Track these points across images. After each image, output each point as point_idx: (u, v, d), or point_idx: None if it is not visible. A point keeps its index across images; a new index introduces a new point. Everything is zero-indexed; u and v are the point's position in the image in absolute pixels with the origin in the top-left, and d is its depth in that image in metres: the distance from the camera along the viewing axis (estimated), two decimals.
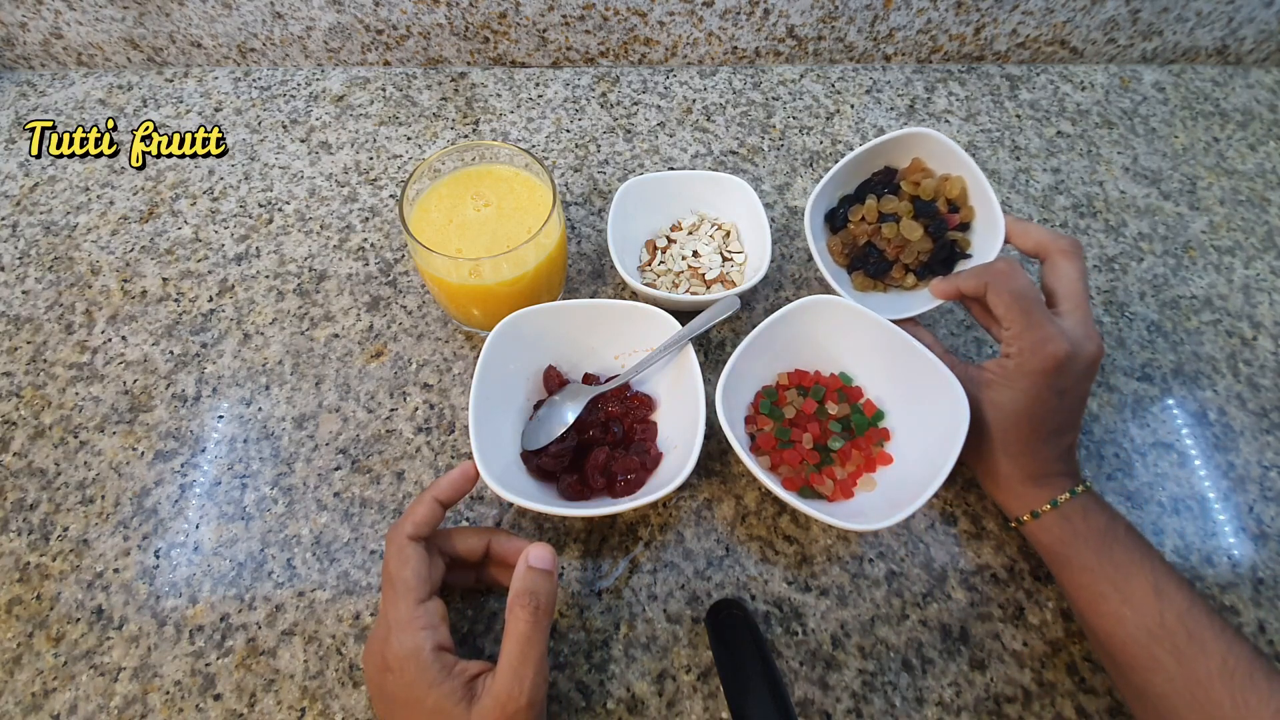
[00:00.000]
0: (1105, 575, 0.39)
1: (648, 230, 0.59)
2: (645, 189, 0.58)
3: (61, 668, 0.43)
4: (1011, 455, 0.43)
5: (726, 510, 0.48)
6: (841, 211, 0.53)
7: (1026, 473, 0.43)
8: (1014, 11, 0.69)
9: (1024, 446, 0.42)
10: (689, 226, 0.59)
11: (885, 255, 0.51)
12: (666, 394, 0.50)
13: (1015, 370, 0.42)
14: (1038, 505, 0.42)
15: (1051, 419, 0.42)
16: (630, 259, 0.57)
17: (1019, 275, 0.43)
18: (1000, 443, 0.43)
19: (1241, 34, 0.72)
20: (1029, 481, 0.43)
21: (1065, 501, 0.41)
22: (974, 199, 0.50)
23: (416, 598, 0.36)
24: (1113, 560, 0.39)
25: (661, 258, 0.58)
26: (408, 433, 0.51)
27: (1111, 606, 0.38)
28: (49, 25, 0.67)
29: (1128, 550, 0.39)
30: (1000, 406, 0.43)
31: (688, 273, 0.57)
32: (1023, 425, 0.42)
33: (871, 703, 0.42)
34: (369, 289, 0.58)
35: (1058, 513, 0.41)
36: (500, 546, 0.41)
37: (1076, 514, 0.41)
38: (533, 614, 0.35)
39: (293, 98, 0.70)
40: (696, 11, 0.68)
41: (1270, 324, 0.58)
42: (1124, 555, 0.39)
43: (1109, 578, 0.39)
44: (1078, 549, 0.40)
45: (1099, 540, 0.40)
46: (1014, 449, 0.43)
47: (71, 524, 0.47)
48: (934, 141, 0.51)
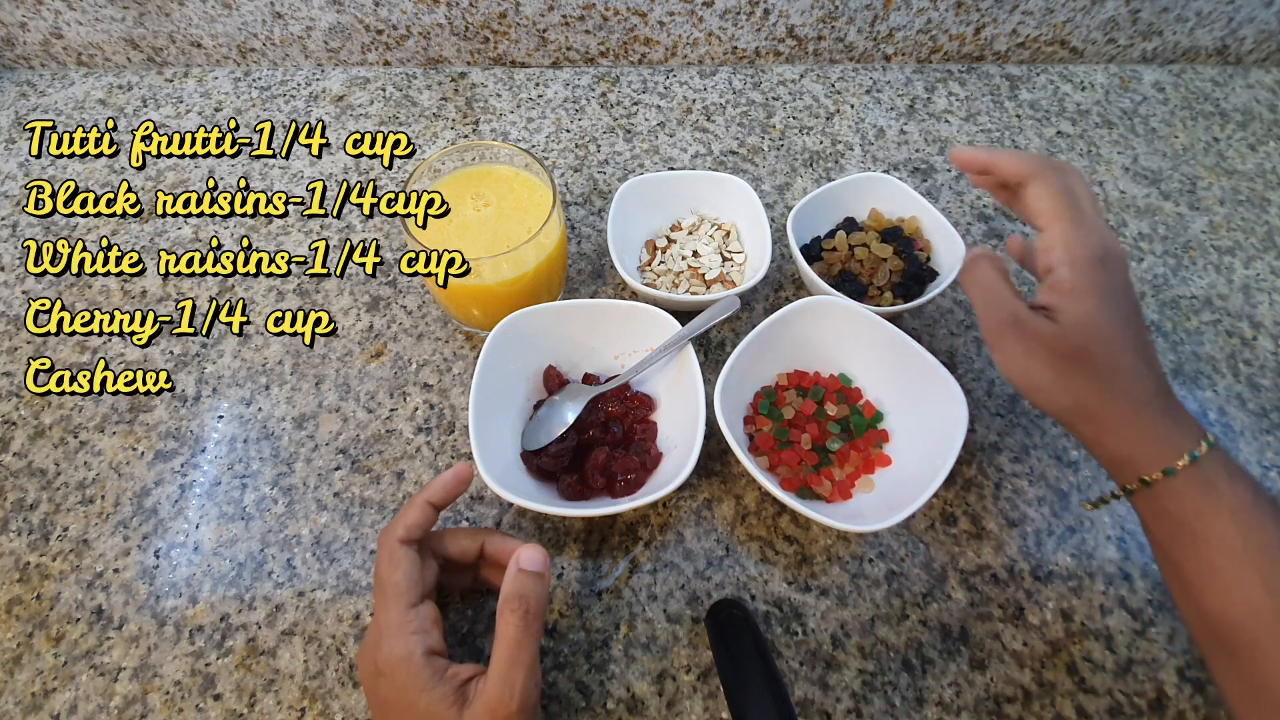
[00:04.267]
0: (1247, 556, 0.33)
1: (648, 230, 0.59)
2: (645, 189, 0.58)
3: (61, 668, 0.43)
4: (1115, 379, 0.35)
5: (726, 510, 0.48)
6: (816, 244, 0.57)
7: (1136, 399, 0.35)
8: (1014, 11, 0.69)
9: (1123, 364, 0.35)
10: (689, 226, 0.59)
11: (860, 279, 0.54)
12: (666, 394, 0.50)
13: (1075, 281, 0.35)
14: (1170, 457, 0.34)
15: (1131, 329, 0.35)
16: (630, 259, 0.57)
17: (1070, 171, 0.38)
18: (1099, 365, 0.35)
19: (1241, 34, 0.72)
20: (1145, 414, 0.35)
21: (1205, 455, 0.34)
22: (929, 233, 0.56)
23: (408, 602, 0.36)
24: (1258, 538, 0.33)
25: (661, 258, 0.58)
26: (408, 433, 0.51)
27: (1248, 593, 0.32)
28: (49, 25, 0.67)
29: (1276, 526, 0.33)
30: (1075, 323, 0.35)
31: (688, 273, 0.57)
32: (1108, 336, 0.35)
33: (871, 703, 0.42)
34: (369, 289, 0.58)
35: (1197, 472, 0.34)
36: (494, 547, 0.41)
37: (1220, 477, 0.34)
38: (522, 618, 0.35)
39: (293, 98, 0.70)
40: (696, 11, 0.68)
41: (1270, 324, 0.58)
42: (1271, 531, 0.33)
43: (1250, 559, 0.32)
44: (1220, 522, 0.33)
45: (1245, 513, 0.33)
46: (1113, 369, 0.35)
47: (71, 524, 0.47)
48: (889, 184, 0.57)
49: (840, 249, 0.55)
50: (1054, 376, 0.36)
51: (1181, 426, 0.35)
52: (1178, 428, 0.35)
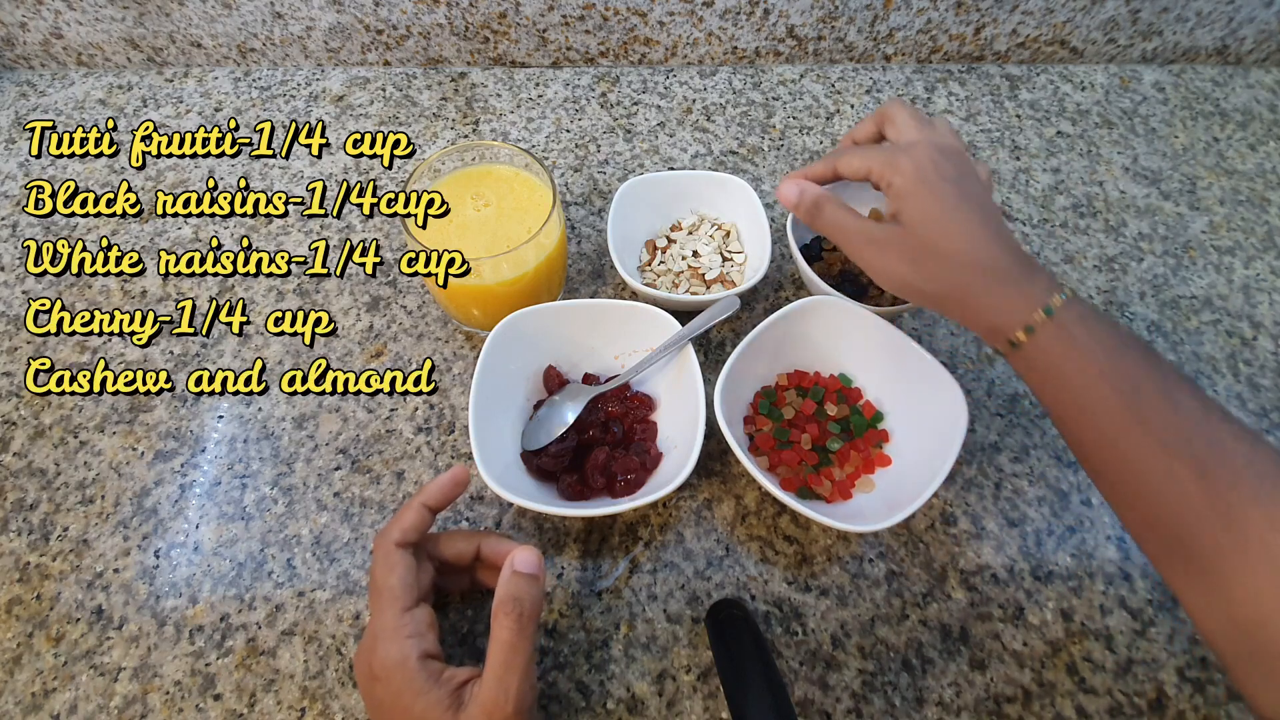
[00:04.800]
0: (1112, 389, 0.34)
1: (648, 230, 0.59)
2: (645, 189, 0.58)
3: (61, 668, 0.43)
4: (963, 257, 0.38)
5: (726, 510, 0.48)
6: (816, 245, 0.57)
7: (987, 269, 0.38)
8: (1014, 11, 0.69)
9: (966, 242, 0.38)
10: (689, 226, 0.59)
11: (860, 279, 0.54)
12: (666, 394, 0.50)
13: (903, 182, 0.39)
14: (1029, 315, 0.36)
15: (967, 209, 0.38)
16: (630, 259, 0.57)
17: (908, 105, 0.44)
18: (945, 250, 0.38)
19: (1241, 34, 0.72)
20: (999, 280, 0.37)
21: (1060, 308, 0.36)
22: None
23: (403, 605, 0.36)
24: (1118, 370, 0.35)
25: (661, 258, 0.58)
26: (408, 433, 0.51)
27: (1119, 424, 0.34)
28: (49, 25, 0.67)
29: (1133, 358, 0.35)
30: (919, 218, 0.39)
31: (688, 273, 0.56)
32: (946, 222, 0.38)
33: (871, 703, 0.42)
34: (369, 289, 0.58)
35: (1054, 324, 0.36)
36: (490, 549, 0.41)
37: (1075, 322, 0.36)
38: (516, 620, 0.35)
39: (293, 98, 0.70)
40: (696, 11, 0.68)
41: (1270, 324, 0.58)
42: (1130, 364, 0.35)
43: (1115, 390, 0.34)
44: (1081, 364, 0.35)
45: (1103, 350, 0.35)
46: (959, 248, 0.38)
47: (71, 524, 0.47)
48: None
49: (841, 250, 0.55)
50: (912, 271, 0.39)
51: (1036, 286, 0.37)
52: (1032, 288, 0.37)
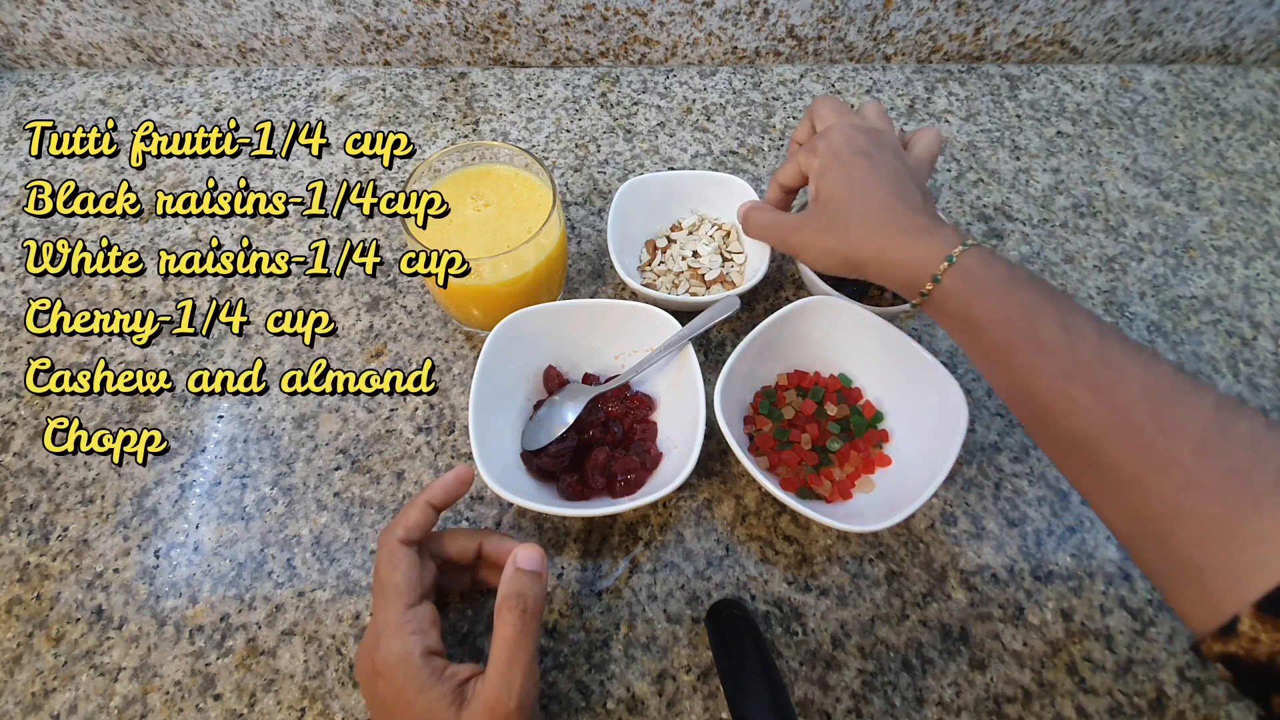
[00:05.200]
0: (1013, 324, 0.36)
1: (648, 230, 0.59)
2: (645, 189, 0.58)
3: (61, 668, 0.43)
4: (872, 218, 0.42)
5: (726, 510, 0.48)
6: None
7: (896, 226, 0.41)
8: (1014, 11, 0.69)
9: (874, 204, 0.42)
10: (689, 226, 0.59)
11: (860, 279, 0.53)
12: (666, 394, 0.50)
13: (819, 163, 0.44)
14: (934, 265, 0.39)
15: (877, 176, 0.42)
16: (630, 259, 0.57)
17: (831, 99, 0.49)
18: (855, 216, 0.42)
19: (1241, 34, 0.72)
20: (907, 234, 0.40)
21: (960, 254, 0.38)
22: None
23: (406, 602, 0.36)
24: (1018, 305, 0.36)
25: (661, 258, 0.58)
26: (408, 433, 0.51)
27: (1024, 356, 0.36)
28: (49, 25, 0.67)
29: (1031, 293, 0.37)
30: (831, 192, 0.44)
31: (687, 273, 0.56)
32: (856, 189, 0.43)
33: (871, 703, 0.42)
34: (369, 289, 0.58)
35: (957, 270, 0.38)
36: (492, 548, 0.41)
37: (976, 267, 0.38)
38: (520, 617, 0.35)
39: (293, 98, 0.70)
40: (696, 11, 0.68)
41: (1270, 324, 0.58)
42: (1027, 298, 0.36)
43: (1016, 325, 0.36)
44: (984, 304, 0.37)
45: (1002, 288, 0.37)
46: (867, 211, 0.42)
47: (71, 524, 0.47)
48: None
49: None
50: (830, 239, 0.43)
51: (943, 237, 0.39)
52: (937, 241, 0.39)
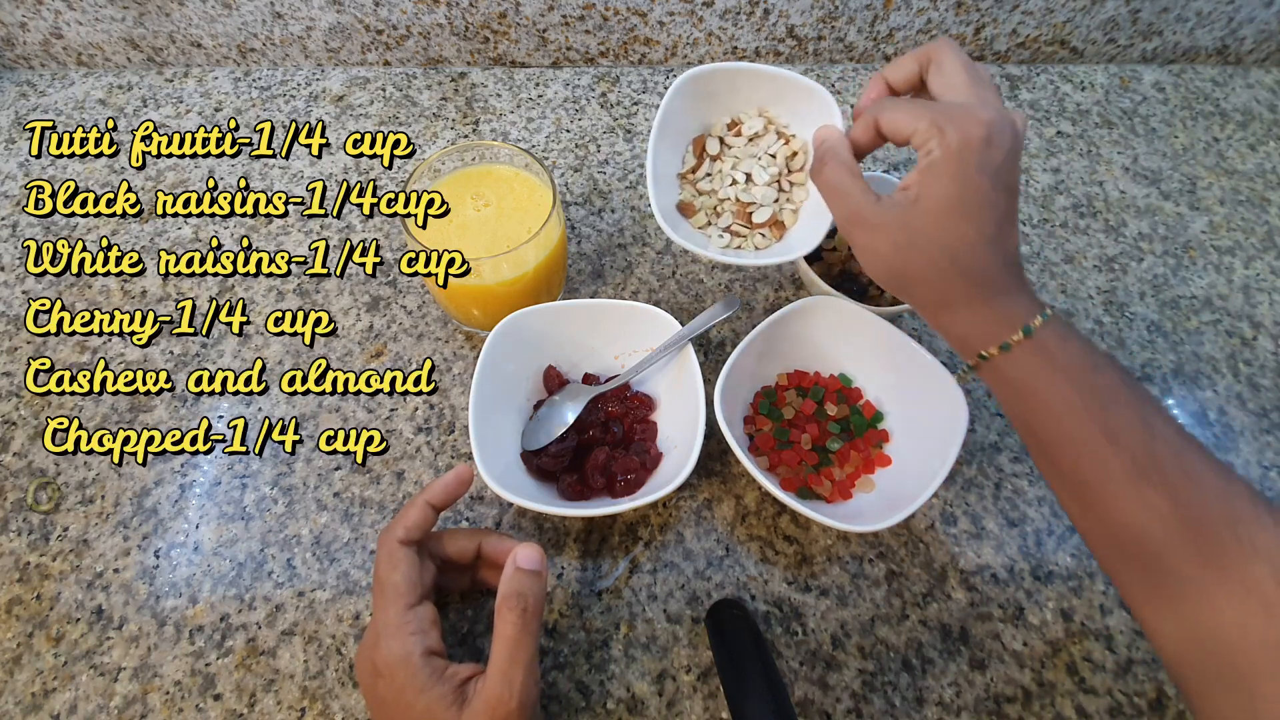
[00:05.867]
0: (1086, 412, 0.34)
1: (698, 124, 0.48)
2: (708, 84, 0.47)
3: (61, 668, 0.43)
4: (954, 261, 0.35)
5: (726, 510, 0.48)
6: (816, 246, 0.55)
7: (975, 281, 0.36)
8: (1014, 11, 0.69)
9: (964, 246, 0.35)
10: (750, 132, 0.48)
11: (860, 279, 0.53)
12: (666, 394, 0.50)
13: (941, 158, 0.34)
14: (1005, 333, 0.35)
15: (988, 209, 0.35)
16: (671, 164, 0.48)
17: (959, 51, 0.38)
18: (938, 248, 0.35)
19: (1241, 34, 0.72)
20: (982, 294, 0.36)
21: (1039, 328, 0.35)
22: None
23: (406, 603, 0.36)
24: (1092, 391, 0.34)
25: (709, 170, 0.47)
26: (408, 433, 0.51)
27: (1092, 448, 0.33)
28: (49, 25, 0.67)
29: (1108, 379, 0.34)
30: (930, 205, 0.35)
31: (733, 204, 0.47)
32: (957, 217, 0.35)
33: (871, 703, 0.42)
34: (369, 289, 0.58)
35: (1032, 343, 0.35)
36: (491, 547, 0.41)
37: (1053, 342, 0.35)
38: (520, 616, 0.35)
39: (293, 98, 0.70)
40: (696, 11, 0.68)
41: (1270, 324, 0.58)
42: (1104, 384, 0.34)
43: (1089, 413, 0.34)
44: (1053, 383, 0.34)
45: (1077, 370, 0.34)
46: (954, 251, 0.35)
47: (71, 524, 0.47)
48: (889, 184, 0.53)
49: (840, 249, 0.55)
50: (896, 260, 0.36)
51: (1019, 303, 0.36)
52: (1015, 305, 0.36)
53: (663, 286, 0.58)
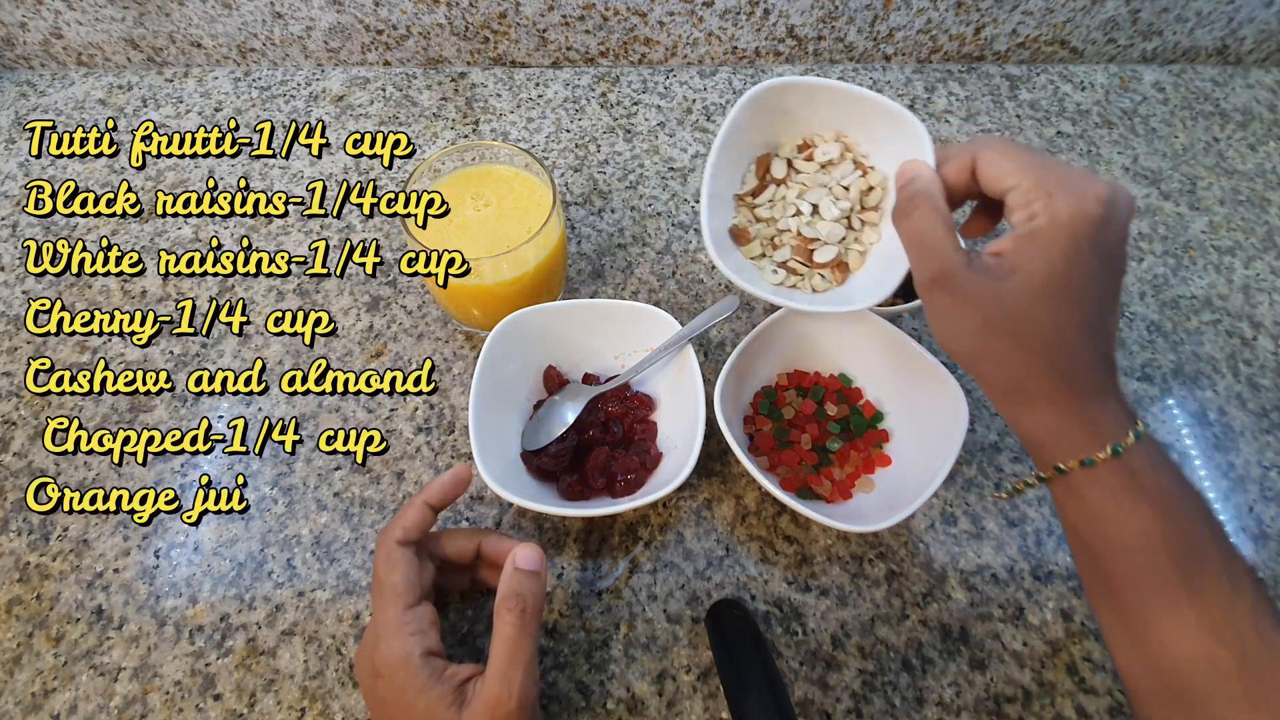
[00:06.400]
0: (1169, 552, 0.30)
1: (764, 141, 0.42)
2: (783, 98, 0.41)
3: (61, 668, 0.43)
4: (1045, 349, 0.31)
5: (726, 510, 0.48)
6: None
7: (1065, 375, 0.31)
8: (1014, 11, 0.69)
9: (1060, 334, 0.31)
10: (824, 158, 0.41)
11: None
12: (666, 394, 0.50)
13: (1047, 227, 0.30)
14: (1091, 447, 0.31)
15: (1092, 295, 0.31)
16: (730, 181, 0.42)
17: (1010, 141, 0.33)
18: (1030, 331, 0.31)
19: (1241, 34, 0.72)
20: (1070, 393, 0.31)
21: (1130, 447, 0.30)
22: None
23: (405, 603, 0.36)
24: (1179, 532, 0.30)
25: (771, 196, 0.42)
26: (408, 433, 0.51)
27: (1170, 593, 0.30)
28: (49, 25, 0.67)
29: (1197, 520, 0.30)
30: (1030, 280, 0.30)
31: (793, 237, 0.41)
32: (1058, 299, 0.30)
33: (871, 703, 0.42)
34: (369, 289, 0.58)
35: (1120, 464, 0.30)
36: (491, 547, 0.41)
37: (1143, 466, 0.31)
38: (519, 616, 0.35)
39: (293, 98, 0.70)
40: (696, 11, 0.68)
41: (1270, 324, 0.58)
42: (1191, 526, 0.30)
43: (1173, 555, 0.30)
44: (1140, 516, 0.30)
45: (1167, 505, 0.30)
46: (1048, 338, 0.31)
47: (71, 524, 0.47)
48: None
49: None
50: (980, 345, 0.32)
51: (1110, 412, 0.32)
52: (1107, 415, 0.32)
53: (663, 286, 0.58)
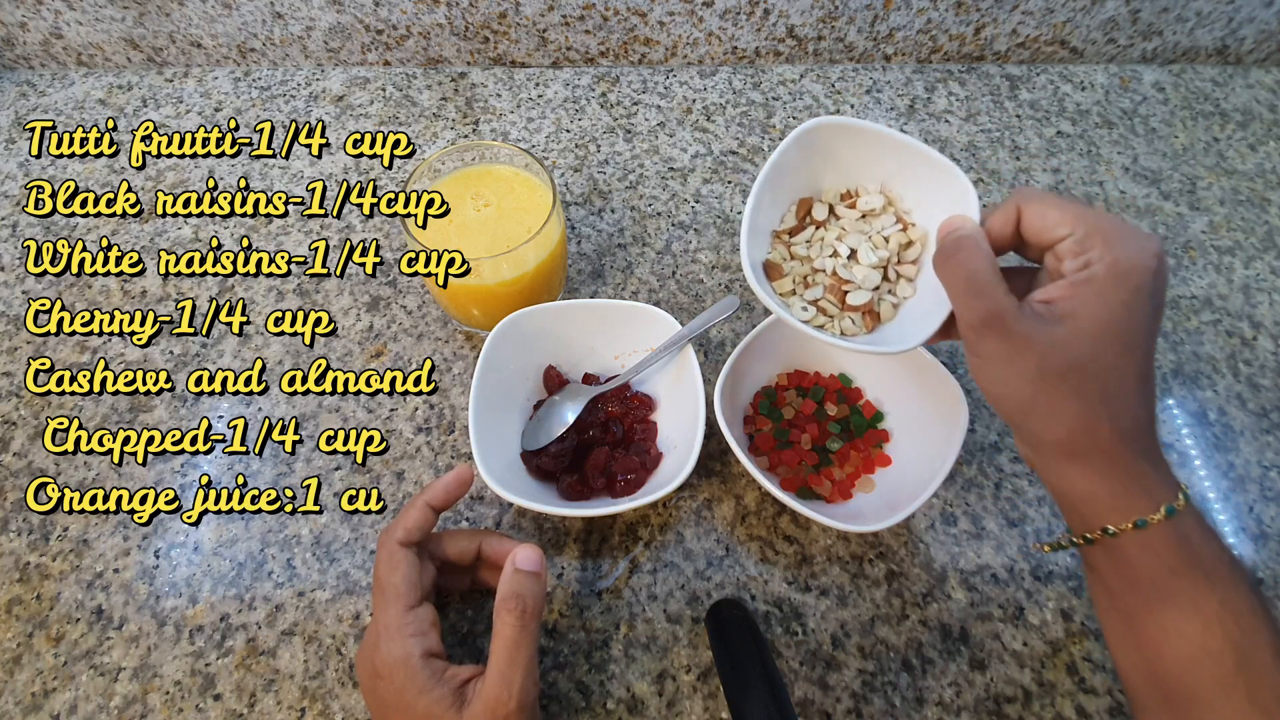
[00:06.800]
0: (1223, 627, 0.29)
1: (806, 183, 0.43)
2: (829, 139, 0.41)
3: (61, 668, 0.43)
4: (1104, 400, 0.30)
5: (726, 510, 0.48)
6: None
7: (1120, 430, 0.30)
8: (1014, 11, 0.69)
9: (1120, 384, 0.30)
10: (866, 208, 0.42)
11: None
12: (666, 394, 0.50)
13: (1106, 275, 0.29)
14: (1144, 508, 0.30)
15: (1147, 348, 0.30)
16: (770, 216, 0.43)
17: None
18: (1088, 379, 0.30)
19: (1241, 34, 0.72)
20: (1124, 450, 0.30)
21: (1183, 510, 0.30)
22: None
23: (406, 604, 0.36)
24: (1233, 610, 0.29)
25: (809, 237, 0.42)
26: (408, 433, 0.51)
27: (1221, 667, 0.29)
28: (49, 25, 0.67)
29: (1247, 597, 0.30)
30: (1088, 327, 0.29)
31: (828, 278, 0.41)
32: (1119, 348, 0.29)
33: (871, 703, 0.42)
34: (369, 289, 0.58)
35: (1172, 528, 0.30)
36: (491, 548, 0.41)
37: (1195, 532, 0.30)
38: (519, 617, 0.35)
39: (293, 98, 0.70)
40: (696, 11, 0.68)
41: (1270, 324, 0.58)
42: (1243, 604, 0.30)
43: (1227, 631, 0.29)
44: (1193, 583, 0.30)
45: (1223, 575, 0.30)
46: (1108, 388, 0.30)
47: (71, 524, 0.47)
48: None
49: None
50: (1033, 393, 0.31)
51: (1159, 473, 0.31)
52: (1155, 474, 0.31)
53: (663, 286, 0.58)
